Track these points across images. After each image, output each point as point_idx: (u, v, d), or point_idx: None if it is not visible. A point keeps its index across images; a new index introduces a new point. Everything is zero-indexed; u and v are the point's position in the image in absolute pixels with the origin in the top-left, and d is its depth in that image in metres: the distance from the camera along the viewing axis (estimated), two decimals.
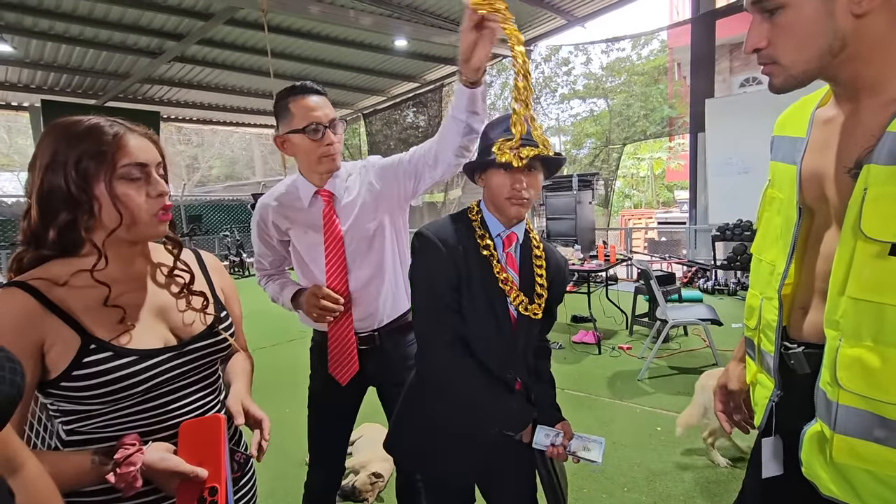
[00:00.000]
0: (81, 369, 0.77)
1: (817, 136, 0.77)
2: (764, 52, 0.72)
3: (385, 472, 2.31)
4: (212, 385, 0.94)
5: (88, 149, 0.78)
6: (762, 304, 0.86)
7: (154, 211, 0.82)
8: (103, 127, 0.80)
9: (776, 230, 0.84)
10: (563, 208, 6.80)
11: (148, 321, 0.86)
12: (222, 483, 0.82)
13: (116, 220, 0.80)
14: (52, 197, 0.78)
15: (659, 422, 2.77)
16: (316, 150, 1.33)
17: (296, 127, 1.32)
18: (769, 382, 0.85)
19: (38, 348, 0.76)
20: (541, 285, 1.13)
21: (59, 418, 0.82)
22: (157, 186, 0.82)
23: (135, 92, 9.16)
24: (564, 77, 9.55)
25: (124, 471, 0.76)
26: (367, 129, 11.70)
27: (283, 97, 1.34)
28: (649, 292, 3.85)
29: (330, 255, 1.38)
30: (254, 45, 7.50)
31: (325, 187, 1.39)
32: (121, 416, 0.82)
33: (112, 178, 0.78)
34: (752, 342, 0.90)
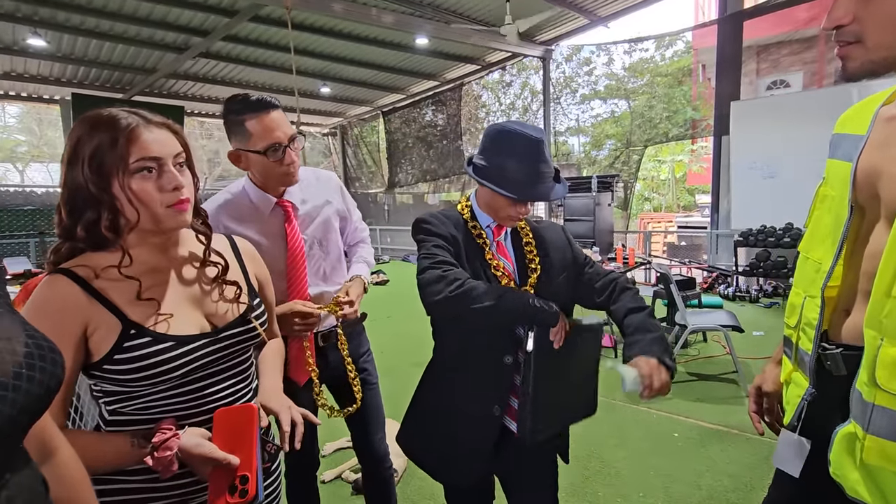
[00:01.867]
0: (122, 353, 0.79)
1: (878, 133, 0.74)
2: (848, 28, 0.68)
3: (399, 467, 2.32)
4: (245, 372, 0.96)
5: (100, 142, 0.78)
6: (805, 302, 0.84)
7: (169, 203, 0.82)
8: (118, 120, 0.79)
9: (826, 228, 0.82)
10: (581, 210, 6.76)
11: (184, 308, 0.88)
12: (253, 472, 0.84)
13: (135, 217, 0.81)
14: (75, 195, 0.79)
15: (676, 428, 2.73)
16: (276, 169, 1.28)
17: (254, 147, 1.25)
18: (804, 381, 0.84)
19: (82, 332, 0.79)
20: (531, 260, 1.17)
21: (101, 399, 0.86)
22: (172, 180, 0.82)
23: (160, 87, 9.35)
24: (586, 77, 9.44)
25: (162, 455, 0.79)
26: (386, 127, 11.75)
27: (236, 112, 1.24)
28: (668, 297, 3.80)
29: (293, 263, 1.36)
30: (277, 42, 7.59)
31: (284, 197, 1.38)
32: (159, 399, 0.85)
33: (125, 175, 0.79)
34: (790, 340, 0.89)
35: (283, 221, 1.37)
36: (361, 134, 12.92)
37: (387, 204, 12.50)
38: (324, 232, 1.48)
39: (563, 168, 10.04)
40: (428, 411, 1.28)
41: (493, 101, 10.73)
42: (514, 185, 1.07)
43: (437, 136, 10.56)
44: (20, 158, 16.91)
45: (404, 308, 5.76)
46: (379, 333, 4.88)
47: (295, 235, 1.37)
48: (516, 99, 10.43)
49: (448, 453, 1.22)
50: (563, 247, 1.23)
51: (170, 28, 6.84)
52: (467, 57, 8.92)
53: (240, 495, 0.82)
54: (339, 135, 13.31)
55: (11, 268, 6.73)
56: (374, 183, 12.89)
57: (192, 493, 0.88)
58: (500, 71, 9.65)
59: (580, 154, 9.91)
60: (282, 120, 1.26)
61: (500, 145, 1.09)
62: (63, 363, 0.53)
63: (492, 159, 1.10)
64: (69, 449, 0.65)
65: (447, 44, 8.00)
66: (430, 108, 10.74)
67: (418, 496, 2.21)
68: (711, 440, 2.54)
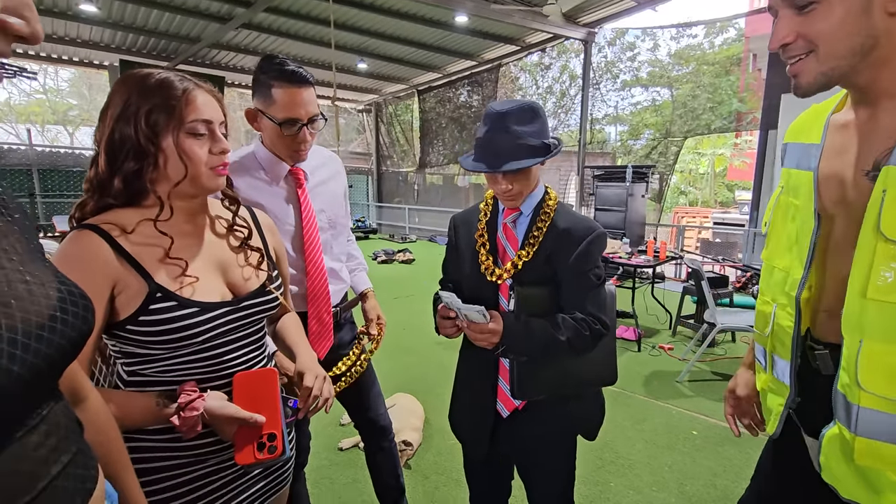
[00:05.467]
0: (147, 315, 0.80)
1: (833, 141, 0.77)
2: (795, 44, 0.71)
3: (415, 441, 2.39)
4: (259, 340, 0.98)
5: (159, 102, 0.80)
6: (775, 310, 0.85)
7: (213, 165, 0.85)
8: (174, 82, 0.82)
9: (790, 237, 0.83)
10: (613, 200, 6.60)
11: (208, 275, 0.89)
12: (279, 429, 0.88)
13: (181, 173, 0.82)
14: (121, 146, 0.80)
15: (696, 426, 2.70)
16: (287, 143, 1.28)
17: (273, 115, 1.24)
18: (783, 389, 0.85)
19: (109, 290, 0.79)
20: (524, 248, 1.15)
21: (120, 359, 0.86)
22: (220, 143, 0.85)
23: (203, 56, 9.51)
24: (628, 63, 9.08)
25: (188, 415, 0.81)
26: (421, 105, 11.67)
27: (268, 73, 1.23)
28: (698, 293, 3.71)
29: (308, 230, 1.36)
30: (317, 15, 7.59)
31: (297, 165, 1.35)
32: (179, 362, 0.86)
33: (179, 132, 0.81)
34: (763, 349, 0.90)
35: (295, 188, 1.36)
36: (395, 112, 12.89)
37: (417, 183, 12.52)
38: (332, 205, 1.48)
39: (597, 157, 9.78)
40: (455, 385, 1.36)
41: (530, 84, 10.48)
42: (464, 157, 1.14)
43: (471, 118, 10.43)
44: (71, 122, 17.64)
45: (428, 287, 5.82)
46: (402, 311, 4.97)
47: (308, 203, 1.37)
48: (554, 82, 10.16)
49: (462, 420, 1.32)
50: (569, 245, 1.13)
51: None
52: (507, 37, 8.72)
53: (269, 451, 0.86)
54: (374, 112, 13.31)
55: (60, 225, 7.10)
56: (405, 162, 12.90)
57: (208, 453, 0.90)
58: (540, 53, 9.40)
59: (616, 143, 9.63)
60: (309, 98, 1.25)
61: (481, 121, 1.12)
62: (94, 311, 0.55)
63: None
64: (98, 397, 0.68)
65: (487, 23, 7.83)
66: (466, 89, 10.59)
67: (431, 470, 2.26)
68: (731, 441, 2.50)
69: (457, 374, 1.34)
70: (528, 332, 1.07)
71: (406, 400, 2.75)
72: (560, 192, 10.88)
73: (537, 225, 1.15)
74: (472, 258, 1.20)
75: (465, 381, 1.31)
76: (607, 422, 1.25)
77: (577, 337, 1.08)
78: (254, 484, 0.97)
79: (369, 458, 1.72)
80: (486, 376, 1.21)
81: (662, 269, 6.37)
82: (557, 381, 1.15)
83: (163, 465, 0.86)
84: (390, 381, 3.04)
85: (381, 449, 1.68)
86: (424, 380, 3.24)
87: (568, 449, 1.26)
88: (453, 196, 11.70)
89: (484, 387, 1.22)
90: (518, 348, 1.08)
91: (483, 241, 1.19)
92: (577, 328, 1.09)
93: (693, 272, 3.61)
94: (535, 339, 1.07)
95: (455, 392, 1.35)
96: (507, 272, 1.14)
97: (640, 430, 2.65)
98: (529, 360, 1.11)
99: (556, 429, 1.21)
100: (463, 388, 1.32)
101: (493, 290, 1.17)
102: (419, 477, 2.20)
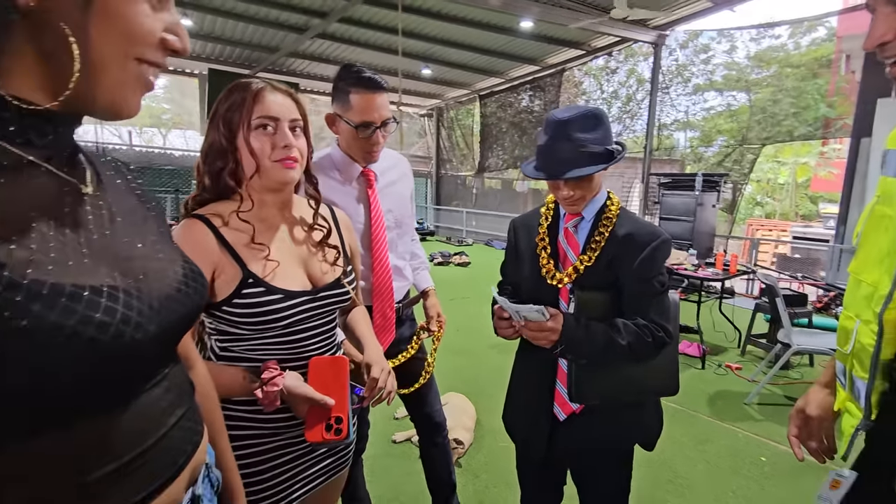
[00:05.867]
0: (240, 298, 0.89)
1: None
2: (893, 43, 0.66)
3: (466, 440, 2.42)
4: (332, 329, 1.06)
5: (235, 101, 0.91)
6: (858, 327, 0.80)
7: (277, 158, 0.92)
8: (249, 84, 0.92)
9: (881, 249, 0.78)
10: (680, 209, 6.29)
11: (292, 265, 0.98)
12: (346, 415, 0.95)
13: (253, 167, 0.91)
14: (210, 148, 0.93)
15: (764, 451, 2.54)
16: (361, 145, 1.38)
17: (350, 119, 1.35)
18: (857, 412, 0.80)
19: (211, 273, 0.89)
20: (586, 254, 1.15)
21: (214, 336, 0.97)
22: (284, 139, 0.92)
23: (280, 64, 10.14)
24: (701, 66, 8.64)
25: (269, 389, 0.90)
26: (482, 110, 11.73)
27: (346, 80, 1.33)
28: (772, 311, 3.48)
29: (376, 228, 1.44)
30: (386, 24, 7.86)
31: (369, 166, 1.45)
32: (263, 343, 0.95)
33: (248, 129, 0.90)
34: (844, 367, 0.85)
35: (365, 188, 1.45)
36: (457, 116, 13.04)
37: (475, 187, 12.58)
38: (399, 206, 1.56)
39: (664, 164, 9.38)
40: (511, 385, 1.38)
41: (594, 88, 10.24)
42: (525, 164, 1.15)
43: (531, 123, 10.35)
44: (164, 124, 19.49)
45: (483, 290, 5.84)
46: (457, 313, 5.03)
47: (377, 202, 1.46)
48: (620, 87, 9.86)
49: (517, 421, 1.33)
50: (633, 251, 1.12)
51: (293, 10, 7.37)
52: (571, 41, 8.58)
53: (335, 433, 0.93)
54: (436, 116, 13.54)
55: None
56: (464, 166, 13.01)
57: (282, 428, 0.97)
58: (606, 57, 9.17)
59: (685, 149, 9.18)
60: (383, 103, 1.36)
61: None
62: (207, 287, 0.64)
63: None
64: (203, 365, 0.78)
65: (552, 27, 7.75)
66: (528, 94, 10.52)
67: (481, 470, 2.29)
68: (804, 472, 2.33)
69: (512, 375, 1.36)
70: (588, 332, 1.08)
71: (459, 399, 2.79)
72: (623, 199, 10.52)
73: (599, 230, 1.15)
74: (532, 261, 1.22)
75: (521, 382, 1.33)
76: (666, 439, 1.22)
77: (639, 343, 1.08)
78: (319, 461, 1.05)
79: (423, 452, 1.78)
80: (543, 378, 1.22)
81: (732, 283, 6.00)
82: (617, 387, 1.14)
83: (245, 434, 0.96)
84: (443, 380, 3.08)
85: (434, 444, 1.73)
86: (477, 381, 3.27)
87: (625, 458, 1.24)
88: (511, 201, 11.65)
89: (541, 388, 1.23)
90: (577, 349, 1.09)
91: (544, 244, 1.20)
92: (638, 334, 1.08)
93: (767, 288, 3.39)
94: (594, 341, 1.07)
95: (510, 392, 1.36)
96: (568, 276, 1.15)
97: (702, 451, 2.53)
98: (588, 363, 1.12)
99: (614, 436, 1.20)
100: (519, 389, 1.33)
101: (552, 293, 1.18)
102: (470, 476, 2.24)
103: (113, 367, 0.45)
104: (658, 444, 1.26)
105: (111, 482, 0.47)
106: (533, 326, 1.08)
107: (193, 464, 0.57)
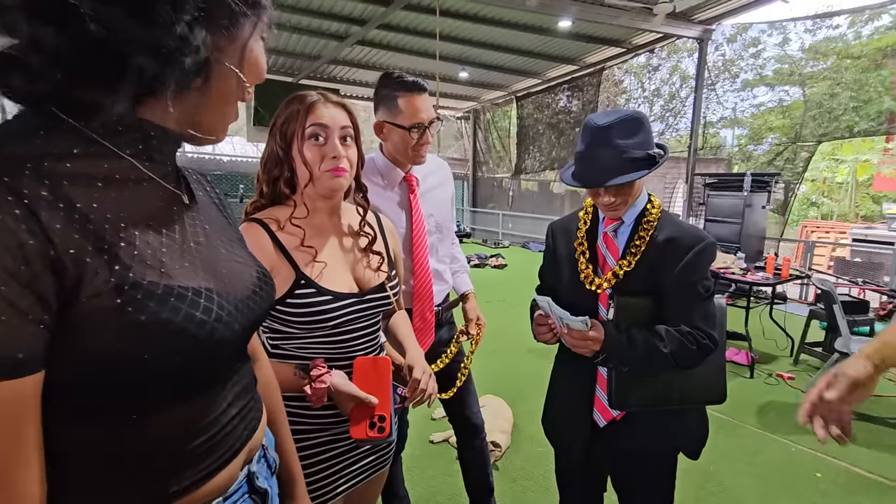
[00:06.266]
0: (293, 299, 0.95)
1: None
2: None
3: (503, 443, 2.42)
4: (376, 332, 1.10)
5: (291, 112, 0.96)
6: None
7: (327, 168, 0.96)
8: (305, 96, 0.98)
9: None
10: (727, 210, 6.01)
11: (339, 269, 1.02)
12: (388, 413, 0.98)
13: (307, 176, 0.97)
14: (269, 157, 0.99)
15: (821, 467, 2.41)
16: (412, 146, 1.41)
17: (401, 123, 1.39)
18: None
19: None
20: (625, 258, 1.13)
21: (266, 334, 1.02)
22: (333, 150, 0.97)
23: (322, 72, 10.44)
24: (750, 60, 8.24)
25: (317, 386, 0.94)
26: (518, 112, 11.65)
27: (392, 87, 1.38)
28: (829, 319, 3.29)
29: (417, 233, 1.47)
30: (423, 29, 7.96)
31: (411, 172, 1.49)
32: (312, 342, 1.00)
33: (301, 139, 0.96)
34: None
35: (407, 193, 1.49)
36: (493, 118, 13.01)
37: (511, 189, 12.50)
38: (440, 210, 1.58)
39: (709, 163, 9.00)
40: (550, 390, 1.37)
41: (635, 87, 9.99)
42: (564, 170, 1.14)
43: (569, 124, 10.19)
44: None
45: (520, 293, 5.80)
46: (494, 316, 4.98)
47: (418, 207, 1.49)
48: (662, 84, 9.57)
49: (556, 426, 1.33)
50: (677, 260, 1.10)
51: (334, 18, 7.58)
52: (611, 39, 8.40)
53: (378, 431, 0.97)
54: (472, 119, 13.56)
55: None
56: (500, 168, 12.96)
57: (328, 424, 1.02)
58: (648, 54, 8.92)
59: (733, 148, 8.80)
60: (429, 103, 1.42)
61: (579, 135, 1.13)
62: (275, 288, 0.70)
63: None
64: (267, 359, 0.84)
65: (591, 26, 7.62)
66: (566, 94, 10.36)
67: (518, 474, 2.28)
68: (865, 490, 2.19)
69: (552, 380, 1.36)
70: (630, 341, 1.06)
71: (496, 402, 2.79)
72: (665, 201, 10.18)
73: (639, 234, 1.13)
74: (570, 266, 1.21)
75: (560, 388, 1.32)
76: (713, 451, 1.19)
77: (682, 350, 1.05)
78: (363, 458, 1.08)
79: (461, 455, 1.79)
80: (583, 384, 1.21)
81: (784, 288, 5.70)
82: (659, 394, 1.12)
83: (294, 429, 0.99)
84: (481, 383, 3.06)
85: (472, 447, 1.74)
86: (515, 385, 3.26)
87: (667, 466, 1.22)
88: (548, 203, 11.50)
89: (580, 395, 1.22)
90: (618, 358, 1.08)
91: (582, 249, 1.20)
92: (682, 341, 1.06)
93: (823, 294, 3.21)
94: (636, 350, 1.06)
95: (549, 397, 1.36)
96: (608, 282, 1.13)
97: (752, 465, 2.42)
98: (629, 371, 1.10)
99: (657, 443, 1.18)
100: (558, 395, 1.33)
101: (591, 298, 1.17)
102: (507, 480, 2.23)
103: (205, 359, 0.51)
104: (703, 454, 1.23)
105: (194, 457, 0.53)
106: (575, 335, 1.08)
107: (251, 446, 0.63)
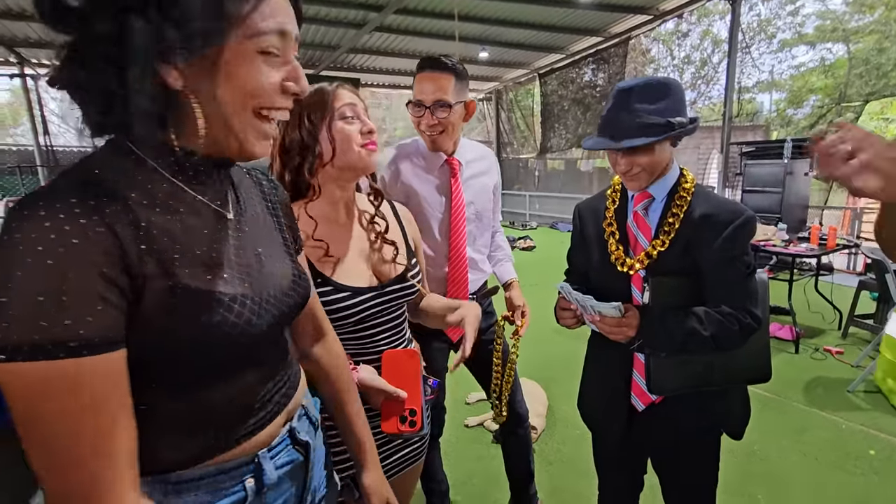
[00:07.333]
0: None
1: None
2: None
3: (538, 426, 2.42)
4: (401, 324, 1.08)
5: (315, 101, 0.96)
6: None
7: (363, 143, 0.97)
8: (324, 86, 0.99)
9: None
10: (766, 179, 5.71)
11: (357, 262, 1.01)
12: (419, 407, 0.97)
13: (330, 155, 0.96)
14: (290, 147, 0.98)
15: (874, 444, 2.30)
16: (418, 126, 1.42)
17: (410, 98, 1.41)
18: None
19: None
20: (653, 245, 1.08)
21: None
22: (367, 124, 0.98)
23: (341, 61, 10.44)
24: (788, 19, 7.77)
25: None
26: (542, 89, 11.37)
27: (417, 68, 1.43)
28: (880, 289, 3.12)
29: (456, 217, 1.45)
30: (441, 10, 7.82)
31: (453, 155, 1.46)
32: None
33: (332, 119, 0.96)
34: None
35: (449, 177, 1.47)
36: (516, 98, 12.75)
37: (537, 169, 12.29)
38: (481, 198, 1.55)
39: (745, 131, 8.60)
40: (585, 374, 1.35)
41: (664, 55, 9.61)
42: (587, 138, 1.10)
43: (595, 98, 9.88)
44: None
45: (550, 275, 5.73)
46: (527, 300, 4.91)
47: (459, 191, 1.47)
48: (693, 51, 9.17)
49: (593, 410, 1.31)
50: (714, 236, 1.04)
51: (351, 6, 7.53)
52: (637, 6, 8.05)
53: (409, 425, 0.96)
54: (494, 99, 13.33)
55: None
56: (525, 148, 12.73)
57: None
58: (676, 19, 8.52)
59: (771, 113, 8.37)
60: (434, 84, 1.40)
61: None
62: (311, 285, 0.76)
63: None
64: (334, 333, 0.88)
65: None
66: (591, 67, 10.03)
67: (555, 457, 2.28)
68: None
69: (586, 364, 1.33)
70: (666, 326, 1.02)
71: (530, 385, 2.78)
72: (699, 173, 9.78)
73: (672, 211, 1.08)
74: (600, 248, 1.17)
75: (595, 373, 1.29)
76: (757, 430, 1.15)
77: (724, 332, 1.01)
78: (396, 453, 1.08)
79: (503, 441, 1.80)
80: (620, 370, 1.18)
81: (831, 259, 5.43)
82: (700, 376, 1.08)
83: (325, 426, 1.02)
84: None
85: (515, 434, 1.74)
86: (548, 368, 3.24)
87: (710, 447, 1.18)
88: (576, 182, 11.26)
89: (617, 381, 1.19)
90: (655, 344, 1.04)
91: (612, 230, 1.15)
92: (722, 323, 1.01)
93: (874, 263, 3.04)
94: (672, 335, 1.02)
95: (584, 381, 1.34)
96: (641, 263, 1.09)
97: (798, 443, 2.34)
98: (668, 355, 1.07)
99: (698, 425, 1.14)
100: (594, 379, 1.30)
101: (624, 281, 1.13)
102: (543, 463, 2.23)
103: (237, 347, 0.60)
104: (748, 433, 1.18)
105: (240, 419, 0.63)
106: (609, 321, 1.04)
107: (289, 408, 0.71)
